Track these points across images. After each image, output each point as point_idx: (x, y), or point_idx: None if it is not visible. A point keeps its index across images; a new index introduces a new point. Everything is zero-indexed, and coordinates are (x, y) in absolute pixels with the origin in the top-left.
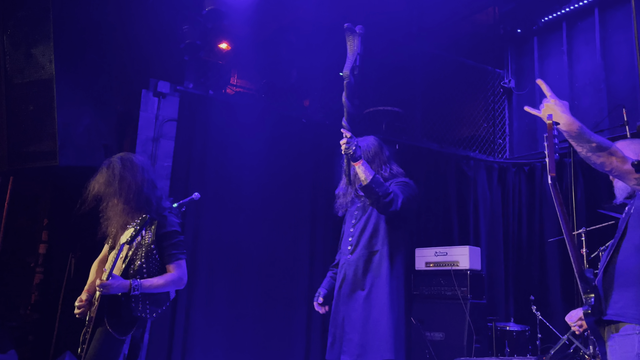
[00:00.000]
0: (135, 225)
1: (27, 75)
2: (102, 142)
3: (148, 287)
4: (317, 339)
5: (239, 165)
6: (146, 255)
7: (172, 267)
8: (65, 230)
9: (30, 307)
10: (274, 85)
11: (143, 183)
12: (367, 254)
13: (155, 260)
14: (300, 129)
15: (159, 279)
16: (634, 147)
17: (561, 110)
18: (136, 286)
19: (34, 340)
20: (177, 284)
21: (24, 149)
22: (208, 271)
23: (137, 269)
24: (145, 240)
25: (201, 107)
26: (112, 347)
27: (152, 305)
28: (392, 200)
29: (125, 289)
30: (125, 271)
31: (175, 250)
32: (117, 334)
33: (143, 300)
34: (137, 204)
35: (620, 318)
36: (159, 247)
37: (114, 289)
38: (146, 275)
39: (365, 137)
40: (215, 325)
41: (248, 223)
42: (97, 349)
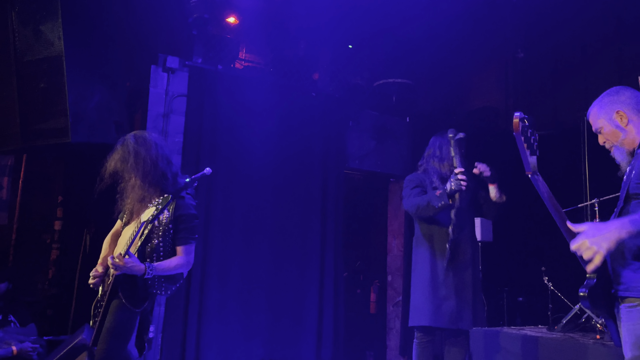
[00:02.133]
0: (157, 204)
1: (37, 53)
2: (113, 118)
3: (161, 270)
4: (330, 307)
5: (249, 139)
6: (163, 234)
7: (182, 249)
8: (80, 206)
9: (47, 283)
10: (282, 58)
11: (157, 158)
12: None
13: (171, 239)
14: (309, 102)
15: (171, 262)
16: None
17: (602, 238)
18: (150, 270)
19: (53, 314)
20: (185, 267)
21: (36, 126)
22: (221, 245)
23: (154, 248)
24: (163, 220)
25: (210, 82)
26: (128, 319)
27: (167, 283)
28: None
29: (140, 272)
30: (142, 249)
31: (188, 233)
32: (132, 306)
33: (159, 279)
34: (153, 179)
35: (628, 293)
36: (175, 228)
37: (128, 269)
38: (162, 254)
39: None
40: (229, 297)
41: (259, 196)
42: (113, 321)
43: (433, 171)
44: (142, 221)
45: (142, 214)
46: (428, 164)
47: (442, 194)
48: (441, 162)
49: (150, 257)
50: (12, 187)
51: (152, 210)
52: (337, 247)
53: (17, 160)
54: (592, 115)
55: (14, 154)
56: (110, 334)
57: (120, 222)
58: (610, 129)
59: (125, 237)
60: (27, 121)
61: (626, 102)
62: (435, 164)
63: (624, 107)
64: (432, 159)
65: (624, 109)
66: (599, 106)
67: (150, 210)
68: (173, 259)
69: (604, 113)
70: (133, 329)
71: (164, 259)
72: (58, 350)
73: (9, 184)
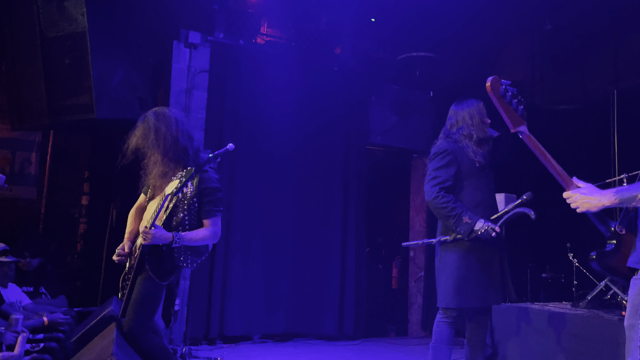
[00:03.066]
0: (180, 177)
1: (61, 29)
2: (137, 94)
3: (188, 240)
4: (352, 282)
5: (271, 114)
6: (188, 208)
7: (209, 222)
8: (105, 181)
9: (76, 256)
10: (304, 33)
11: (178, 134)
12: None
13: (196, 213)
14: (331, 77)
15: (198, 233)
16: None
17: (591, 198)
18: (178, 239)
19: (81, 285)
20: (212, 239)
21: (62, 102)
22: (244, 219)
23: (180, 221)
24: (188, 194)
25: (232, 58)
26: (154, 292)
27: (193, 256)
28: None
29: (167, 240)
30: (168, 222)
31: (213, 206)
32: (159, 279)
33: (185, 251)
34: (174, 154)
35: (637, 265)
36: (199, 202)
37: (156, 239)
38: (188, 227)
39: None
40: (252, 272)
41: (281, 171)
42: (140, 294)
43: (467, 142)
44: (167, 194)
45: (165, 188)
46: (459, 134)
47: (466, 229)
48: (475, 131)
49: (176, 230)
50: (40, 162)
51: (175, 183)
52: (358, 223)
53: (44, 136)
54: None
55: (42, 130)
56: (138, 306)
57: (145, 196)
58: None
59: (150, 210)
60: (53, 97)
61: None
62: (467, 134)
63: None
64: (464, 128)
65: None
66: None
67: (174, 183)
68: (200, 230)
69: None
70: (159, 302)
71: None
72: (87, 321)
73: (37, 160)
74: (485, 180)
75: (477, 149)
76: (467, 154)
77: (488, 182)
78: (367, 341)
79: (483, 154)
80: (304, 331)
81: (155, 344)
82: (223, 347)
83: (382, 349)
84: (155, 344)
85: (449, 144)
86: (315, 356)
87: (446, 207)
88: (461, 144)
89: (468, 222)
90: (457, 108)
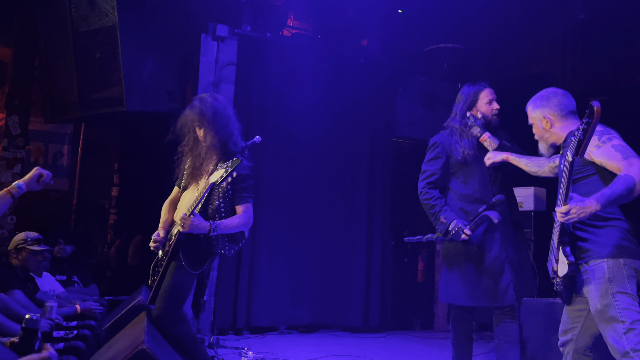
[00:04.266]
0: (226, 167)
1: (92, 23)
2: (165, 87)
3: (224, 227)
4: (377, 275)
5: (297, 107)
6: (223, 195)
7: (241, 208)
8: (135, 173)
9: (106, 246)
10: (330, 25)
11: (229, 118)
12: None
13: (230, 200)
14: (358, 69)
15: (233, 220)
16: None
17: (586, 207)
18: (215, 227)
19: (112, 275)
20: (246, 225)
21: (93, 95)
22: (270, 212)
23: (216, 209)
24: (227, 181)
25: (259, 50)
26: (185, 281)
27: (230, 242)
28: None
29: (205, 229)
30: (204, 210)
31: (245, 193)
32: (190, 268)
33: (222, 239)
34: (224, 136)
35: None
36: (232, 189)
37: (194, 227)
38: (224, 214)
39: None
40: (278, 263)
41: (307, 163)
42: (171, 281)
43: (460, 131)
44: (211, 182)
45: (201, 177)
46: (454, 123)
47: (442, 228)
48: (468, 119)
49: (212, 218)
50: (72, 154)
51: (221, 172)
52: (384, 215)
53: (75, 128)
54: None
55: (73, 123)
56: (168, 294)
57: (178, 188)
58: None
59: (185, 200)
60: (84, 91)
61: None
62: (459, 122)
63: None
64: (457, 114)
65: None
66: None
67: (219, 172)
68: (234, 217)
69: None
70: (189, 291)
71: (226, 218)
72: (118, 310)
73: (69, 152)
74: (479, 173)
75: (469, 139)
76: (459, 145)
77: (482, 175)
78: (393, 334)
79: (473, 145)
80: (329, 323)
81: (184, 332)
82: (250, 337)
83: (407, 342)
84: (184, 332)
85: (440, 136)
86: (340, 347)
87: (427, 204)
88: (455, 134)
89: (444, 222)
90: (459, 94)
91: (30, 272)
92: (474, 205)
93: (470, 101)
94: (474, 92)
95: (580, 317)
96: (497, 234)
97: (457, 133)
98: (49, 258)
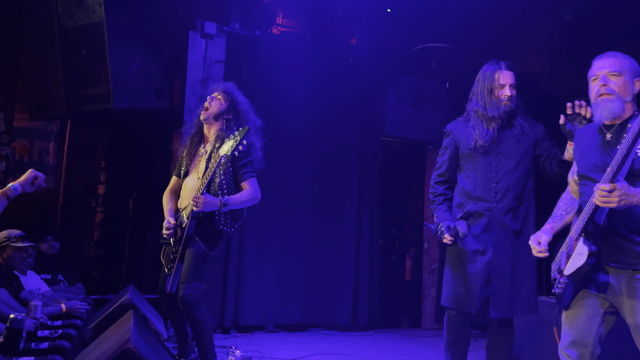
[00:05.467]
0: (235, 137)
1: (79, 19)
2: (153, 85)
3: (234, 203)
4: (365, 273)
5: (286, 105)
6: (225, 172)
7: (247, 183)
8: (122, 171)
9: (93, 244)
10: (319, 23)
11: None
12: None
13: (231, 176)
14: (347, 68)
15: (241, 195)
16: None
17: (631, 196)
18: (226, 202)
19: (99, 274)
20: (254, 199)
21: (79, 92)
22: (259, 209)
23: (218, 185)
24: (222, 159)
25: (248, 48)
26: (205, 262)
27: (232, 220)
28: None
29: (217, 205)
30: (207, 187)
31: (246, 169)
32: (208, 249)
33: (225, 215)
34: (234, 115)
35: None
36: (233, 166)
37: (207, 204)
38: (226, 190)
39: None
40: (266, 261)
41: (296, 162)
42: (192, 263)
43: (475, 118)
44: (222, 154)
45: (201, 160)
46: (470, 108)
47: (434, 228)
48: (482, 105)
49: (215, 195)
50: (58, 152)
51: (230, 143)
52: (373, 214)
53: (62, 126)
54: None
55: (59, 120)
56: (193, 276)
57: (177, 177)
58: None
59: (189, 186)
60: (70, 88)
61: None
62: (475, 108)
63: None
64: (474, 102)
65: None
66: (629, 61)
67: (228, 143)
68: (243, 193)
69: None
70: (206, 272)
71: (228, 195)
72: (105, 309)
73: (55, 149)
74: (484, 168)
75: (482, 126)
76: (471, 133)
77: (487, 171)
78: (380, 332)
79: (485, 133)
80: (317, 321)
81: (204, 317)
82: (237, 336)
83: (395, 340)
84: (205, 317)
85: (454, 123)
86: (328, 346)
87: (430, 200)
88: (471, 120)
89: (434, 221)
90: (479, 72)
91: (15, 271)
92: (472, 203)
93: (487, 83)
94: (490, 72)
95: (594, 324)
96: (489, 241)
97: (475, 118)
98: (33, 255)
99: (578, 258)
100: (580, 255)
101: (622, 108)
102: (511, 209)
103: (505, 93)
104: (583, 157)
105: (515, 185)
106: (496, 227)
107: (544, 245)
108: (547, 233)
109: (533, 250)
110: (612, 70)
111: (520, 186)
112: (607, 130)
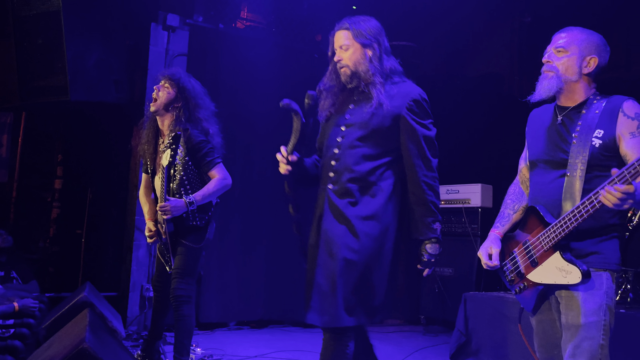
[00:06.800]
0: (169, 146)
1: (34, 7)
2: (113, 77)
3: (201, 198)
4: None
5: (250, 100)
6: (184, 168)
7: (214, 172)
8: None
9: (49, 240)
10: (285, 19)
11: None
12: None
13: (193, 170)
14: (312, 64)
15: (207, 188)
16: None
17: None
18: (191, 202)
19: (54, 271)
20: (225, 186)
21: (34, 83)
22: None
23: (179, 182)
24: (179, 156)
25: (211, 42)
26: (193, 257)
27: (200, 213)
28: None
29: (184, 208)
30: (168, 189)
31: (209, 157)
32: (193, 244)
33: (192, 212)
34: (189, 113)
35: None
36: (193, 159)
37: (175, 209)
38: (188, 186)
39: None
40: (229, 257)
41: (259, 159)
42: (182, 260)
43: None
44: (164, 166)
45: (161, 157)
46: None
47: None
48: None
49: (179, 193)
50: (12, 145)
51: (168, 153)
52: None
53: (16, 117)
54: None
55: (13, 112)
56: (184, 269)
57: (146, 174)
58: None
59: (157, 185)
60: (25, 78)
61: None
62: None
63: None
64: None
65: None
66: (586, 36)
67: (166, 154)
68: (210, 184)
69: (582, 46)
70: (198, 265)
71: (192, 191)
72: (60, 307)
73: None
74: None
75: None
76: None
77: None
78: None
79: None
80: (280, 318)
81: (191, 314)
82: (198, 334)
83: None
84: (191, 314)
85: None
86: (291, 343)
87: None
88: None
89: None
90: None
91: None
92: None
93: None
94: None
95: (557, 328)
96: (320, 240)
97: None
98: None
99: (561, 274)
100: (565, 273)
101: (558, 87)
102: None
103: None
104: (535, 141)
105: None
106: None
107: (495, 260)
108: (496, 243)
109: (483, 264)
110: (557, 46)
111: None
112: (560, 112)
